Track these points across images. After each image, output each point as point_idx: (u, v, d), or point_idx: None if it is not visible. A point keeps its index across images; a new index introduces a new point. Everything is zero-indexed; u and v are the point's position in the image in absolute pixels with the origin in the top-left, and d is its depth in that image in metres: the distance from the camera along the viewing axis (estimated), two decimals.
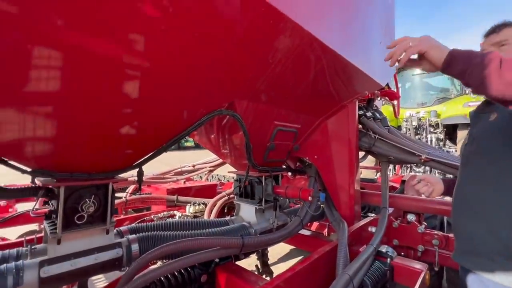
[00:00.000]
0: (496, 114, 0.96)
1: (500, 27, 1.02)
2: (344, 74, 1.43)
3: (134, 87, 0.85)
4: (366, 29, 1.58)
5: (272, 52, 1.03)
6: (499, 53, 0.79)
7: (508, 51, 0.96)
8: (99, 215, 1.06)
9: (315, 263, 1.18)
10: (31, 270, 0.89)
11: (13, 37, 0.58)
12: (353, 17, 1.40)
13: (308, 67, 1.24)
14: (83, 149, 0.93)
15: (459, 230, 1.05)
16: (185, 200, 2.09)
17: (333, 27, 1.21)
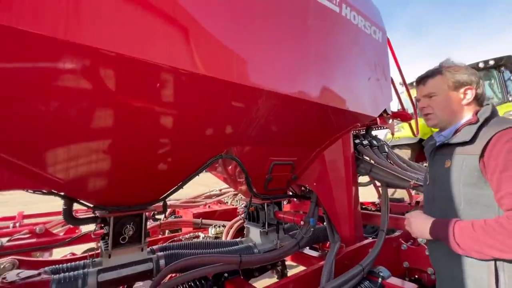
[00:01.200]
0: (450, 161, 0.97)
1: (424, 79, 1.08)
2: (328, 116, 1.68)
3: (164, 144, 1.25)
4: (350, 73, 1.82)
5: (254, 110, 1.35)
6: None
7: (437, 102, 1.04)
8: (136, 237, 1.44)
9: (304, 278, 1.39)
10: (92, 276, 1.29)
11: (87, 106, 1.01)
12: (331, 68, 1.67)
13: (289, 117, 1.53)
14: (126, 190, 1.35)
15: (437, 266, 1.04)
16: (208, 223, 2.44)
17: (309, 82, 1.49)
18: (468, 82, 1.01)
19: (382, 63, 2.19)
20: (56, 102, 0.88)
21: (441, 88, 1.04)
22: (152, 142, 1.23)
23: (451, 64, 1.06)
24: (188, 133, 1.29)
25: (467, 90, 1.01)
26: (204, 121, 1.28)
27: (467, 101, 1.01)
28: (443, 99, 1.03)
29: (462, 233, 0.85)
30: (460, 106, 1.02)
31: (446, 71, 1.04)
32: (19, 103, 0.84)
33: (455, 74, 1.02)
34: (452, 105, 1.02)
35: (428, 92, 1.07)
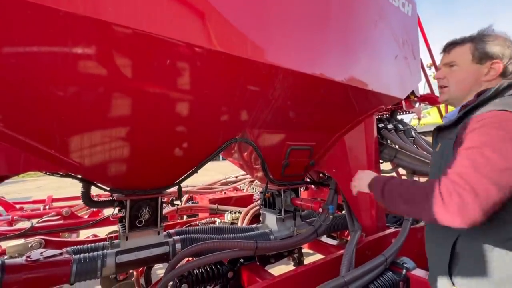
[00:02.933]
0: (439, 144, 0.89)
1: (450, 47, 0.94)
2: (350, 97, 1.56)
3: (179, 128, 1.22)
4: (375, 50, 1.67)
5: (270, 91, 1.27)
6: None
7: (455, 73, 0.91)
8: (152, 220, 1.45)
9: (322, 266, 1.34)
10: (111, 257, 1.31)
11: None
12: (354, 44, 1.54)
13: (308, 99, 1.43)
14: (141, 174, 1.34)
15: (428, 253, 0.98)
16: (224, 208, 2.44)
17: (329, 60, 1.38)
18: (497, 55, 0.84)
19: (411, 40, 2.00)
20: (72, 86, 0.88)
21: (464, 58, 0.89)
22: (166, 126, 1.20)
23: (489, 32, 0.89)
24: (202, 116, 1.24)
25: (494, 64, 0.85)
26: (218, 103, 1.23)
27: (490, 77, 0.86)
28: (462, 71, 0.89)
29: (392, 186, 0.82)
30: (478, 82, 0.87)
31: (479, 39, 0.88)
32: (38, 86, 0.84)
33: (486, 44, 0.86)
34: (469, 80, 0.88)
35: (449, 61, 0.92)
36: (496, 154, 0.63)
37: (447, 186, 0.65)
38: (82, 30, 0.75)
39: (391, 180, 0.85)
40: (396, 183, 0.83)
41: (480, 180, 0.62)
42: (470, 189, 0.61)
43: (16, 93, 0.83)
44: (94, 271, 1.25)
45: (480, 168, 0.63)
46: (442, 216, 0.64)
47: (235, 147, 1.81)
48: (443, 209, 0.64)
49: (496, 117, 0.69)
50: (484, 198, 0.60)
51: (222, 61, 1.01)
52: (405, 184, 0.80)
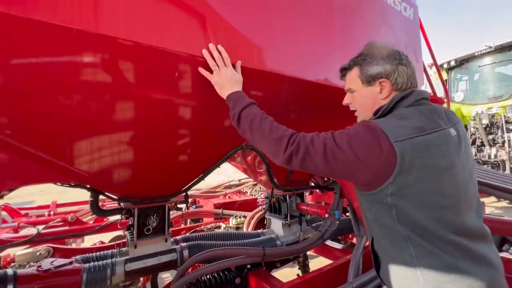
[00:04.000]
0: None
1: (343, 72, 0.97)
2: None
3: (185, 137, 1.23)
4: None
5: (276, 99, 1.28)
6: None
7: (356, 98, 0.94)
8: (160, 228, 1.46)
9: (329, 272, 1.35)
10: (120, 265, 1.32)
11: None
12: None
13: (313, 105, 1.44)
14: (148, 182, 1.35)
15: None
16: (229, 213, 2.44)
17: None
18: (381, 74, 0.87)
19: (413, 43, 2.01)
20: (79, 97, 0.89)
21: (357, 83, 0.92)
22: (172, 135, 1.21)
23: (368, 51, 0.91)
24: (208, 124, 1.25)
25: (382, 83, 0.87)
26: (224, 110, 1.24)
27: (385, 95, 0.87)
28: (360, 96, 0.92)
29: (254, 113, 0.91)
30: (377, 102, 0.89)
31: (362, 62, 0.90)
32: (46, 99, 0.85)
33: (368, 66, 0.88)
34: (368, 102, 0.90)
35: (348, 87, 0.96)
36: (336, 139, 0.76)
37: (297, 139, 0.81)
38: (85, 42, 0.76)
39: (253, 108, 0.93)
40: (258, 112, 0.92)
41: (316, 145, 0.77)
42: (305, 148, 0.78)
43: (25, 106, 0.84)
44: (104, 279, 1.26)
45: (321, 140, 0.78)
46: (276, 154, 0.83)
47: (238, 152, 1.82)
48: (281, 150, 0.81)
49: (359, 125, 0.79)
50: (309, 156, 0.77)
51: None
52: (262, 117, 0.91)
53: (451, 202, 0.74)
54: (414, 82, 0.89)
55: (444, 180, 0.74)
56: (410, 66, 0.88)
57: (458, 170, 0.76)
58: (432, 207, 0.73)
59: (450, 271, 0.71)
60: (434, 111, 0.82)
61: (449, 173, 0.75)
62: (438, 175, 0.74)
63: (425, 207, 0.73)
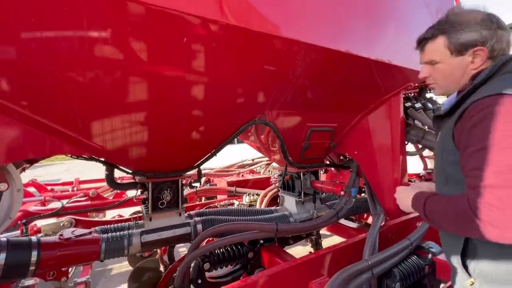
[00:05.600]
0: (440, 133, 0.85)
1: (422, 43, 0.86)
2: (377, 74, 1.45)
3: (197, 112, 1.20)
4: (404, 21, 1.53)
5: (291, 69, 1.20)
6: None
7: (439, 71, 0.83)
8: (174, 202, 1.47)
9: (345, 249, 1.32)
10: (136, 237, 1.36)
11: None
12: (381, 15, 1.41)
13: (330, 77, 1.35)
14: (161, 157, 1.35)
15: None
16: (242, 191, 2.45)
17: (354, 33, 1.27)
18: (476, 41, 0.76)
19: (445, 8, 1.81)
20: (91, 71, 0.87)
21: (443, 54, 0.81)
22: (185, 109, 1.18)
23: (457, 18, 0.79)
24: (220, 98, 1.21)
25: (477, 52, 0.77)
26: (236, 84, 1.18)
27: (477, 65, 0.78)
28: (446, 67, 0.82)
29: (431, 206, 0.78)
30: (467, 72, 0.80)
31: (450, 29, 0.79)
32: (59, 72, 0.84)
33: (460, 34, 0.77)
34: (457, 73, 0.81)
35: (429, 59, 0.85)
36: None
37: (482, 203, 0.62)
38: (97, 11, 0.73)
39: (428, 201, 0.79)
40: (432, 203, 0.78)
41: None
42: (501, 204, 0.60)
43: (40, 79, 0.83)
44: (121, 249, 1.31)
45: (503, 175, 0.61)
46: (490, 233, 0.61)
47: (252, 129, 1.78)
48: (486, 225, 0.61)
49: (492, 106, 0.65)
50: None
51: (239, 38, 0.95)
52: (441, 203, 0.75)
53: None
54: (509, 48, 0.78)
55: None
56: (508, 30, 0.76)
57: None
58: None
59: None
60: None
61: None
62: None
63: None
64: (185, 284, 1.34)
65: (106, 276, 2.87)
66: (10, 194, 1.05)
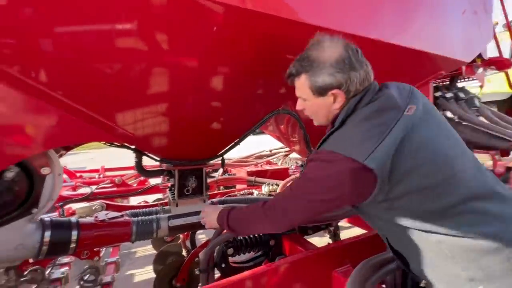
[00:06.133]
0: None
1: (290, 79, 0.90)
2: (402, 62, 1.39)
3: (222, 102, 1.22)
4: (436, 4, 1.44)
5: None
6: None
7: (308, 106, 0.90)
8: (198, 189, 1.52)
9: (367, 240, 1.32)
10: (164, 221, 1.43)
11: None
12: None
13: None
14: (188, 145, 1.40)
15: None
16: (261, 181, 2.48)
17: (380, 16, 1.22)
18: (332, 85, 0.81)
19: None
20: (121, 61, 0.91)
21: (307, 93, 0.86)
22: (210, 100, 1.21)
23: (315, 56, 0.82)
24: (245, 88, 1.22)
25: (334, 94, 0.82)
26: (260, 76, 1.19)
27: (339, 104, 0.84)
28: (313, 105, 0.89)
29: (234, 219, 1.06)
30: (332, 111, 0.87)
31: (310, 70, 0.83)
32: (96, 62, 0.88)
33: (318, 76, 0.82)
34: (323, 111, 0.88)
35: (299, 95, 0.91)
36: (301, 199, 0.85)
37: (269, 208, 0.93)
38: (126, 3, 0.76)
39: (231, 211, 1.07)
40: (235, 212, 1.07)
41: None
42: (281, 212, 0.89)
43: (78, 68, 0.88)
44: (150, 232, 1.38)
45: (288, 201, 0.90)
46: (270, 227, 0.98)
47: (272, 119, 1.78)
48: (269, 223, 0.94)
49: (316, 161, 0.81)
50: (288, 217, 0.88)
51: (259, 23, 0.94)
52: (242, 210, 1.06)
53: (439, 179, 0.72)
54: (369, 80, 0.84)
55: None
56: (363, 66, 0.82)
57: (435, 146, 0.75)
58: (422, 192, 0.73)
59: (477, 238, 0.70)
60: (389, 98, 0.80)
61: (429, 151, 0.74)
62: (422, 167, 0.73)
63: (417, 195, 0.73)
64: (209, 268, 1.39)
65: (131, 258, 3.05)
66: (52, 178, 1.13)
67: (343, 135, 0.78)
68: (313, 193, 0.79)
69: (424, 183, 0.72)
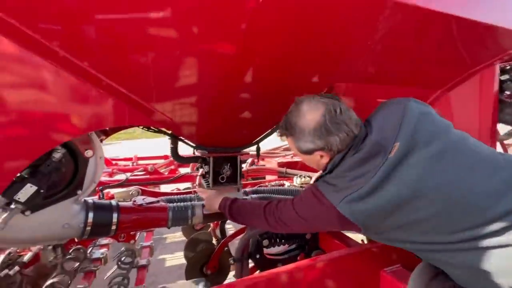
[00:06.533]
0: None
1: (282, 135, 1.00)
2: (468, 38, 1.21)
3: (262, 85, 1.15)
4: None
5: (371, 33, 1.06)
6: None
7: (302, 160, 1.04)
8: (233, 177, 1.48)
9: None
10: (199, 208, 1.41)
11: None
12: None
13: (411, 43, 1.16)
14: (224, 132, 1.36)
15: None
16: (293, 172, 2.40)
17: None
18: (314, 149, 0.89)
19: None
20: (166, 46, 0.89)
21: (296, 151, 0.98)
22: (249, 86, 1.14)
23: (295, 123, 0.91)
24: (285, 73, 1.13)
25: (320, 154, 0.91)
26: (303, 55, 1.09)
27: (326, 160, 0.92)
28: (303, 159, 1.01)
29: (236, 208, 1.12)
30: (321, 164, 0.95)
31: (292, 133, 0.93)
32: (140, 45, 0.86)
33: (299, 142, 0.92)
34: (313, 165, 1.00)
35: (291, 149, 1.04)
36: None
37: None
38: None
39: (235, 202, 1.13)
40: (239, 203, 1.13)
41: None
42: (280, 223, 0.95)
43: (124, 50, 0.86)
44: (186, 218, 1.37)
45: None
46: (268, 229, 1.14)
47: None
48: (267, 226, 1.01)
49: (310, 195, 0.89)
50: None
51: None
52: (246, 205, 1.13)
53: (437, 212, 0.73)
54: (351, 135, 0.87)
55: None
56: (342, 127, 0.86)
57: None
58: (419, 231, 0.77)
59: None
60: (373, 145, 0.83)
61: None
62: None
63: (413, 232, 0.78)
64: (244, 258, 1.36)
65: (163, 243, 3.15)
66: (94, 161, 1.15)
67: (330, 181, 0.86)
68: (307, 219, 0.87)
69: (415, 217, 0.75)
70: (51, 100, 0.84)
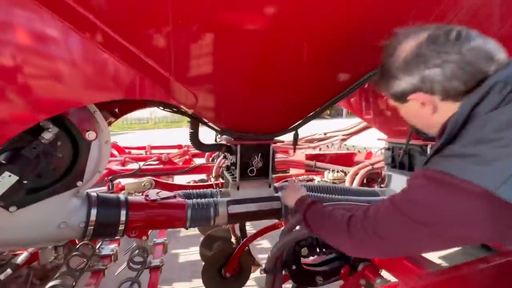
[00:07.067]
0: None
1: (377, 85, 0.72)
2: None
3: (295, 61, 0.91)
4: None
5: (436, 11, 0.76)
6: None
7: (405, 117, 0.72)
8: (264, 170, 1.23)
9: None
10: (222, 206, 1.17)
11: None
12: None
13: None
14: (253, 114, 1.10)
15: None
16: (323, 166, 2.12)
17: None
18: (407, 90, 0.63)
19: None
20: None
21: (392, 101, 0.72)
22: (288, 61, 0.92)
23: (387, 57, 0.66)
24: (329, 47, 0.91)
25: (420, 101, 0.63)
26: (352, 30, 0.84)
27: (431, 110, 0.63)
28: (405, 114, 0.72)
29: (313, 214, 0.88)
30: (429, 118, 0.65)
31: (383, 74, 0.69)
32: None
33: (390, 83, 0.66)
34: (420, 121, 0.71)
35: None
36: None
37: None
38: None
39: (314, 205, 0.90)
40: (317, 208, 0.88)
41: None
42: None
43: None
44: (208, 219, 1.13)
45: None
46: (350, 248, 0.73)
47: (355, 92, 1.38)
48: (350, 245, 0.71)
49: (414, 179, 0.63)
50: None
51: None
52: (325, 214, 0.82)
53: None
54: (479, 69, 0.56)
55: None
56: (450, 58, 0.56)
57: None
58: None
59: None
60: None
61: None
62: None
63: None
64: (277, 269, 1.11)
65: (176, 237, 2.99)
66: (98, 145, 0.92)
67: (464, 151, 0.55)
68: (428, 223, 0.56)
69: None
70: (29, 49, 0.60)
